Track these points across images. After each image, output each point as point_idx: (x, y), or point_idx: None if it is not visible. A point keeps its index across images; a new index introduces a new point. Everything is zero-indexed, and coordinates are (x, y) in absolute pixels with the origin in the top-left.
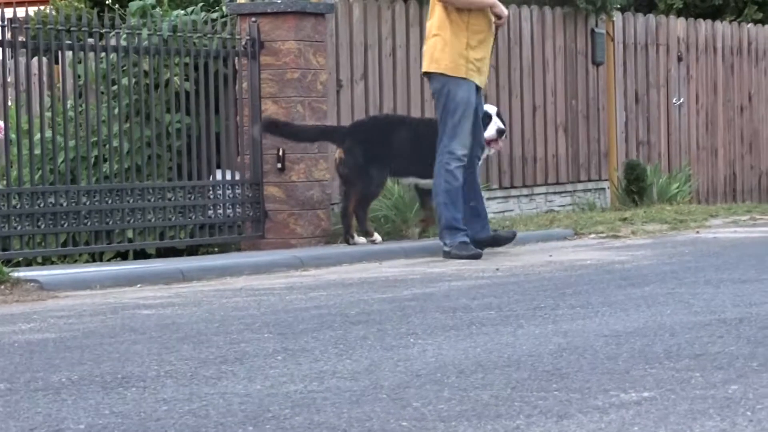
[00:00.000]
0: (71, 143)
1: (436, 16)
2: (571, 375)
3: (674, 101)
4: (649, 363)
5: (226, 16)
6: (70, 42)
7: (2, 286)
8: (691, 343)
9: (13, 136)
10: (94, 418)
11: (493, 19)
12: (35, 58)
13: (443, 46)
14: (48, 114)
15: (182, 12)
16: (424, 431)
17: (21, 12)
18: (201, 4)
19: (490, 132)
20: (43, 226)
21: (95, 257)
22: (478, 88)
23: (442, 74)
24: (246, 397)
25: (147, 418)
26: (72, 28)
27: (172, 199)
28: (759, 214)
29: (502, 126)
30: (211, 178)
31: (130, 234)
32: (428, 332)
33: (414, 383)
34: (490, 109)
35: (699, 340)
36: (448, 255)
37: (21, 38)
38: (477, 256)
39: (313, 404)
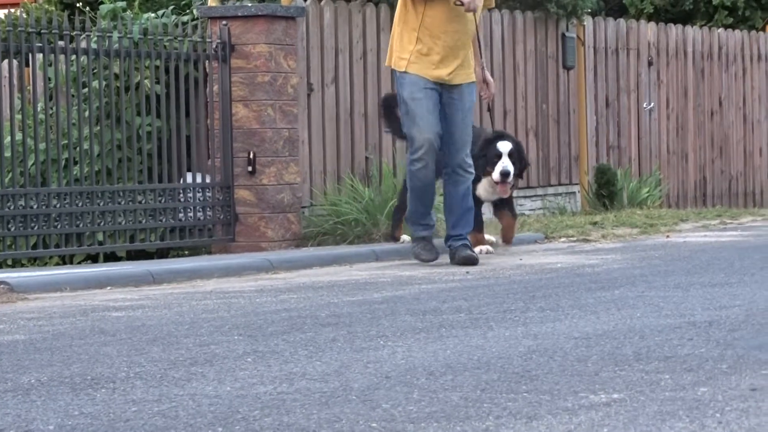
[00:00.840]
0: (41, 146)
1: (397, 9)
2: (541, 377)
3: (645, 106)
4: (618, 365)
5: (197, 19)
6: (40, 44)
7: None
8: (661, 345)
9: None
10: (63, 419)
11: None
12: (5, 61)
13: (392, 40)
14: (18, 116)
15: (153, 15)
16: None
17: None
18: (172, 7)
19: (495, 174)
20: (13, 229)
21: (65, 260)
22: (455, 85)
23: (392, 68)
24: (215, 399)
25: (116, 419)
26: (42, 31)
27: (143, 201)
28: (729, 218)
29: (507, 167)
30: (181, 181)
31: (100, 237)
32: (398, 335)
33: (383, 385)
34: (503, 146)
35: (668, 343)
36: (411, 250)
37: None
38: (430, 260)
39: (283, 406)
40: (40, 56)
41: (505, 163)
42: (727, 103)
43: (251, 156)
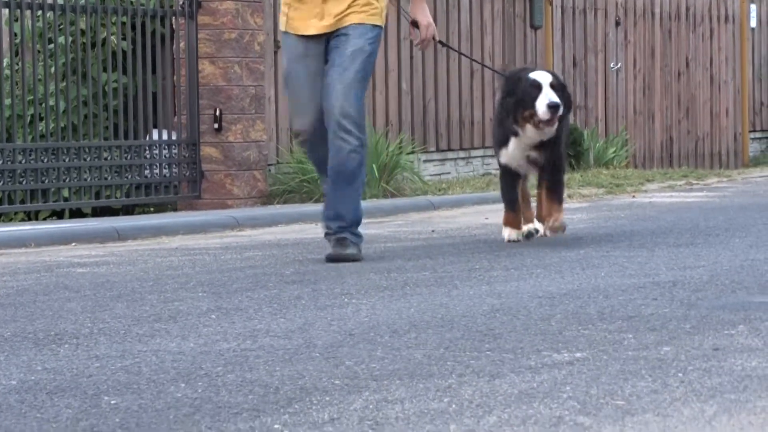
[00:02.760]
0: (7, 102)
1: None
2: (504, 335)
3: (612, 66)
4: (582, 324)
5: None
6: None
7: None
8: (625, 305)
9: None
10: (26, 374)
11: None
12: None
13: None
14: None
15: None
16: (356, 390)
17: None
18: None
19: (539, 108)
20: None
21: (30, 216)
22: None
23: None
24: (179, 355)
25: (79, 374)
26: None
27: (108, 158)
28: (695, 179)
29: (554, 98)
30: (147, 138)
31: (65, 193)
32: (362, 292)
33: (347, 342)
34: (540, 77)
35: (632, 302)
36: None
37: None
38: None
39: (246, 362)
40: (5, 11)
41: (550, 94)
42: (694, 64)
43: (217, 113)
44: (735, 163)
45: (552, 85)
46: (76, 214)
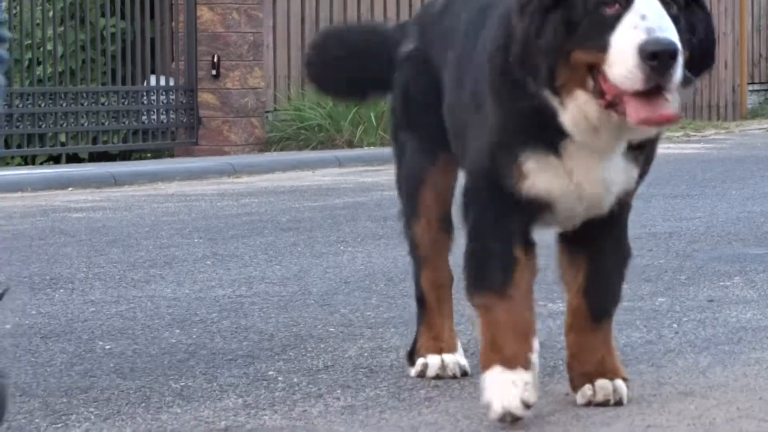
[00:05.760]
0: (6, 46)
1: None
2: None
3: None
4: None
5: None
6: None
7: None
8: None
9: None
10: (21, 318)
11: None
12: None
13: None
14: None
15: None
16: (351, 337)
17: None
18: None
19: (623, 53)
20: None
21: (27, 160)
22: None
23: None
24: (174, 301)
25: (74, 319)
26: None
27: (106, 103)
28: (693, 130)
29: (664, 34)
30: (145, 84)
31: (62, 138)
32: (358, 240)
33: (342, 290)
34: None
35: None
36: None
37: None
38: None
39: (241, 309)
40: None
41: (654, 16)
42: None
43: (215, 59)
44: (733, 115)
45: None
46: (73, 159)
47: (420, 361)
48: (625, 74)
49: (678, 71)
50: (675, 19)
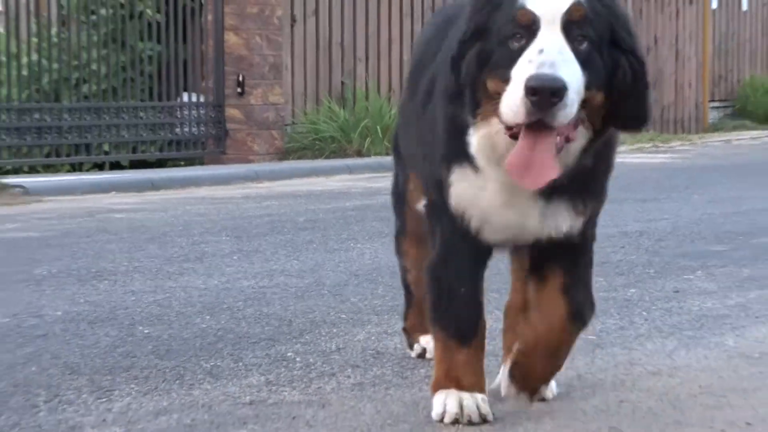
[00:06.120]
0: (55, 66)
1: None
2: (489, 278)
3: None
4: None
5: None
6: None
7: None
8: (597, 252)
9: (2, 58)
10: (69, 306)
11: None
12: None
13: None
14: (34, 39)
15: None
16: (360, 323)
17: None
18: None
19: (511, 87)
20: (29, 139)
21: (75, 167)
22: None
23: None
24: (204, 291)
25: (117, 307)
26: None
27: (144, 117)
28: (661, 142)
29: (546, 71)
30: (178, 100)
31: (106, 147)
32: (366, 238)
33: (352, 281)
34: None
35: (603, 250)
36: None
37: None
38: None
39: (263, 298)
40: None
41: (548, 50)
42: (662, 41)
43: (240, 78)
44: (696, 128)
45: (570, 22)
46: (115, 166)
47: (417, 347)
48: (511, 106)
49: (565, 110)
50: (585, 57)
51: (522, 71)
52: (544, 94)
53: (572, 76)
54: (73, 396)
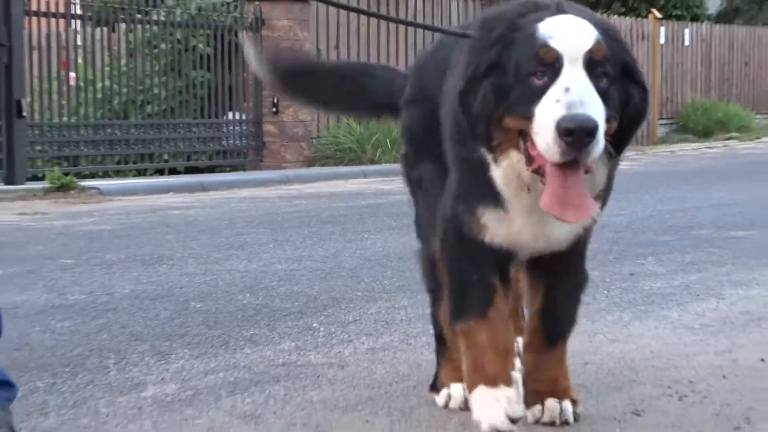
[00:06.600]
0: (123, 90)
1: None
2: None
3: None
4: None
5: (237, 0)
6: (123, 17)
7: (72, 192)
8: None
9: (81, 84)
10: (135, 286)
11: None
12: (98, 28)
13: None
14: (107, 68)
15: None
16: (372, 299)
17: None
18: None
19: (543, 128)
20: (102, 150)
21: (140, 173)
22: None
23: None
24: (245, 273)
25: (174, 286)
26: (125, 6)
27: (196, 132)
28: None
29: (583, 111)
30: (224, 118)
31: (165, 156)
32: (378, 230)
33: (366, 265)
34: (567, 31)
35: None
36: None
37: (89, 13)
38: None
39: (293, 278)
40: (123, 25)
41: (577, 91)
42: None
43: (275, 100)
44: (647, 141)
45: (592, 60)
46: (173, 172)
47: (444, 392)
48: (544, 147)
49: (597, 146)
50: (604, 92)
51: (551, 110)
52: (580, 135)
53: (599, 114)
54: (137, 359)
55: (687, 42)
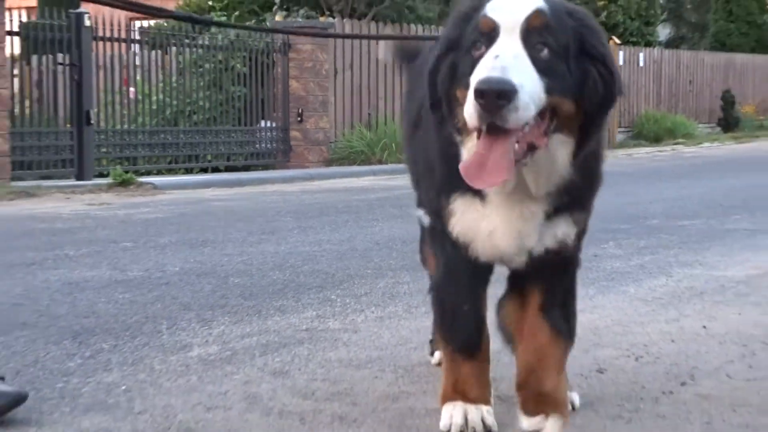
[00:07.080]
0: (174, 102)
1: None
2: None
3: None
4: None
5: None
6: (174, 41)
7: (132, 186)
8: None
9: (140, 97)
10: (183, 264)
11: None
12: (153, 51)
13: None
14: (161, 84)
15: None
16: (380, 276)
17: (145, 23)
18: (254, 20)
19: (468, 92)
20: (157, 152)
21: (188, 171)
22: None
23: None
24: (275, 254)
25: (216, 265)
26: (176, 33)
27: (235, 137)
28: None
29: (494, 74)
30: (258, 125)
31: (209, 157)
32: (386, 219)
33: (375, 248)
34: (509, 5)
35: None
36: None
37: (146, 38)
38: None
39: (315, 259)
40: (174, 48)
41: (502, 55)
42: None
43: (300, 111)
44: (608, 146)
45: (530, 30)
46: (215, 170)
47: (437, 354)
48: (466, 112)
49: (515, 112)
50: (545, 63)
51: (474, 76)
52: (491, 96)
53: (526, 80)
54: (185, 324)
55: (642, 63)
